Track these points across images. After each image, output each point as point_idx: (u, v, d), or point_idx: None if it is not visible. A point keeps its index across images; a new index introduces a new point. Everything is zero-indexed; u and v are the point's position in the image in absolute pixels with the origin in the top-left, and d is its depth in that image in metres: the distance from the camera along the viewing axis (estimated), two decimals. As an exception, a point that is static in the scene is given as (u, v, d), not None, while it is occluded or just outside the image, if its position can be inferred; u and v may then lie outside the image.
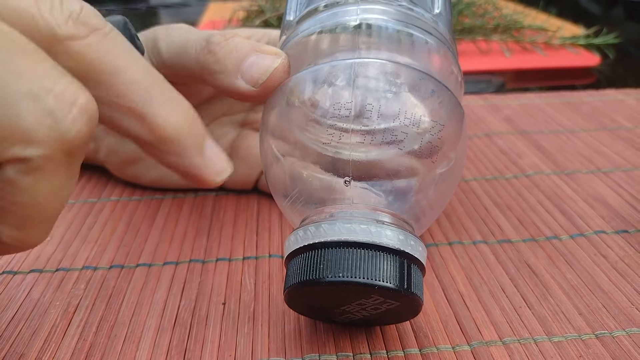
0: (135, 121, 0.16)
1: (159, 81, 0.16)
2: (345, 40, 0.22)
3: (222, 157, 0.18)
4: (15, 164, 0.13)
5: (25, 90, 0.13)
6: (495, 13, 0.57)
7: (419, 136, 0.19)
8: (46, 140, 0.13)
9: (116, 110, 0.15)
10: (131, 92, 0.15)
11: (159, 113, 0.16)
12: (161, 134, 0.16)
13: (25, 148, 0.13)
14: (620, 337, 0.21)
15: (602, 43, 0.54)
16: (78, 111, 0.14)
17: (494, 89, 0.49)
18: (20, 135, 0.13)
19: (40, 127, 0.13)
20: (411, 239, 0.18)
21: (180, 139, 0.16)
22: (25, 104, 0.13)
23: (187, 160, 0.17)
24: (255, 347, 0.21)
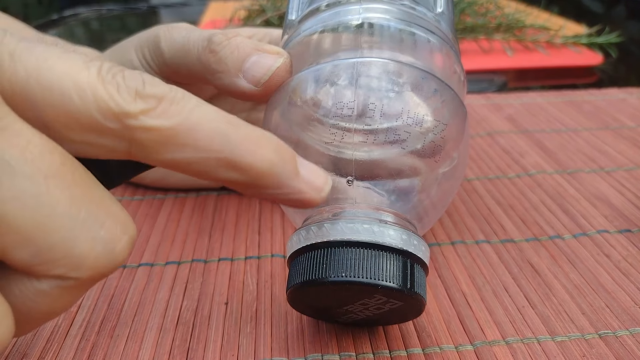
0: (227, 169, 0.16)
1: (232, 122, 0.16)
2: (348, 39, 0.22)
3: (317, 171, 0.17)
4: (54, 280, 0.14)
5: (82, 219, 0.14)
6: (497, 12, 0.57)
7: (421, 135, 0.19)
8: (92, 265, 0.14)
9: (206, 165, 0.16)
10: (214, 144, 0.15)
11: (246, 153, 0.16)
12: (255, 172, 0.16)
13: (71, 270, 0.14)
14: (623, 337, 0.21)
15: (605, 42, 0.54)
16: (126, 241, 0.15)
17: (496, 88, 0.49)
18: (70, 259, 0.14)
19: (91, 254, 0.14)
20: (414, 239, 0.18)
21: (274, 170, 0.16)
22: (79, 232, 0.14)
23: (287, 188, 0.17)
24: (258, 347, 0.20)
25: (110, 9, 0.83)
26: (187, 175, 0.28)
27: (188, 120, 0.15)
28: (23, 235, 0.13)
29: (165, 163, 0.15)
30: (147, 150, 0.15)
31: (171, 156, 0.15)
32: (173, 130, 0.15)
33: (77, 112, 0.14)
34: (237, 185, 0.16)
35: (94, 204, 0.14)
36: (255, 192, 0.17)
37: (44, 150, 0.13)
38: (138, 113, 0.14)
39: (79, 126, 0.14)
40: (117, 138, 0.15)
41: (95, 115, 0.14)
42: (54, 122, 0.14)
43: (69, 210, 0.13)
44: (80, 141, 0.15)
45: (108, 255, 0.14)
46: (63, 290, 0.14)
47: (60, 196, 0.13)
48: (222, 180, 0.16)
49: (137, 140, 0.15)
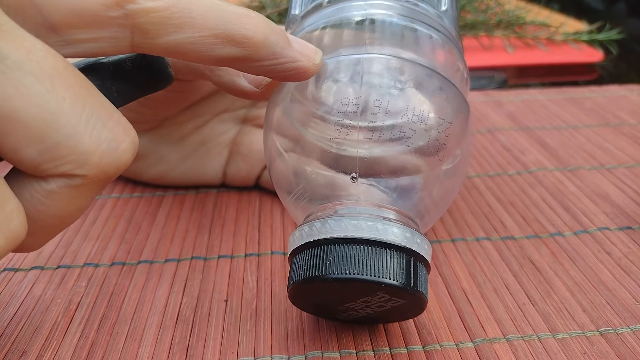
0: (224, 44, 0.17)
1: (220, 4, 0.17)
2: (352, 35, 0.22)
3: (306, 43, 0.19)
4: (61, 179, 0.14)
5: (86, 118, 0.14)
6: (497, 9, 0.57)
7: (425, 133, 0.19)
8: (97, 163, 0.15)
9: (205, 44, 0.17)
10: (209, 20, 0.17)
11: (240, 27, 0.17)
12: (252, 44, 0.17)
13: (77, 167, 0.14)
14: (624, 334, 0.21)
15: (605, 39, 0.54)
16: (129, 142, 0.15)
17: (497, 85, 0.49)
18: (76, 155, 0.14)
19: (96, 151, 0.14)
20: (418, 237, 0.18)
21: (268, 39, 0.18)
22: (84, 129, 0.14)
23: (282, 57, 0.18)
24: (258, 344, 0.20)
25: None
26: (186, 173, 0.28)
27: (182, 0, 0.16)
28: (31, 132, 0.13)
29: (167, 47, 0.17)
30: (148, 35, 0.16)
31: (171, 38, 0.16)
32: (170, 9, 0.16)
33: (82, 8, 0.15)
34: (235, 62, 0.18)
35: (97, 105, 0.15)
36: (253, 66, 0.18)
37: (47, 54, 0.14)
38: None
39: (84, 22, 0.15)
40: (120, 27, 0.16)
41: (98, 7, 0.15)
42: (60, 23, 0.15)
43: (73, 107, 0.14)
44: (87, 39, 0.16)
45: (112, 154, 0.15)
46: (71, 190, 0.15)
47: (65, 94, 0.14)
48: (222, 58, 0.17)
49: (138, 26, 0.16)
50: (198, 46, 0.17)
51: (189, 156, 0.30)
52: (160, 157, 0.30)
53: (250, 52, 0.18)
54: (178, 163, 0.30)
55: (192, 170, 0.30)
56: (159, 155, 0.30)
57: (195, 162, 0.30)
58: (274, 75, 0.19)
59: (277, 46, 0.18)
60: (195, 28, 0.16)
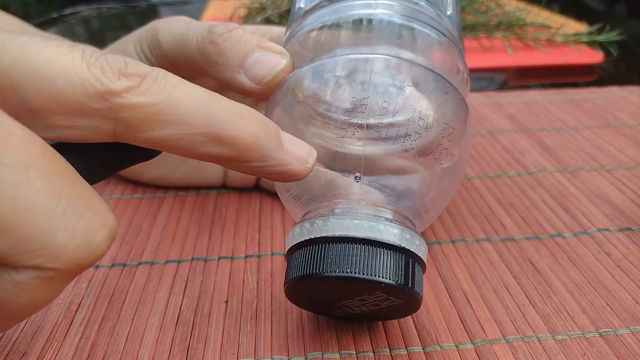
0: (212, 144, 0.16)
1: (214, 97, 0.16)
2: (354, 35, 0.22)
3: (301, 143, 0.18)
4: (32, 270, 0.14)
5: (61, 210, 0.14)
6: (497, 10, 0.57)
7: (425, 133, 0.19)
8: (70, 257, 0.14)
9: (191, 142, 0.16)
10: (197, 119, 0.16)
11: (230, 126, 0.16)
12: (240, 145, 0.16)
13: (50, 262, 0.14)
14: (624, 335, 0.21)
15: (605, 40, 0.54)
16: (106, 233, 0.14)
17: (497, 86, 0.49)
18: (49, 250, 0.13)
19: (70, 246, 0.14)
20: (416, 238, 0.19)
21: (259, 142, 0.17)
22: (58, 223, 0.13)
23: (272, 160, 0.17)
24: (258, 345, 0.20)
25: (110, 7, 0.83)
26: (187, 174, 0.28)
27: (171, 96, 0.15)
28: (2, 225, 0.13)
29: (151, 141, 0.16)
30: (132, 129, 0.15)
31: (156, 134, 0.15)
32: (157, 106, 0.15)
33: (63, 95, 0.14)
34: (223, 161, 0.17)
35: (74, 195, 0.14)
36: (242, 166, 0.17)
37: (26, 141, 0.13)
38: (122, 91, 0.15)
39: (66, 110, 0.15)
40: (103, 119, 0.15)
41: (81, 97, 0.14)
42: (40, 108, 0.14)
43: (48, 199, 0.13)
44: (67, 125, 0.15)
45: (87, 247, 0.14)
46: (42, 281, 0.14)
47: (40, 186, 0.13)
48: (208, 156, 0.16)
49: (122, 119, 0.15)
50: (184, 143, 0.16)
51: (189, 158, 0.30)
52: (160, 159, 0.30)
53: (238, 153, 0.17)
54: (178, 164, 0.30)
55: (192, 172, 0.30)
56: (159, 157, 0.30)
57: (195, 163, 0.30)
58: (264, 175, 0.18)
59: (268, 149, 0.17)
60: (182, 126, 0.16)
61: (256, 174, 0.18)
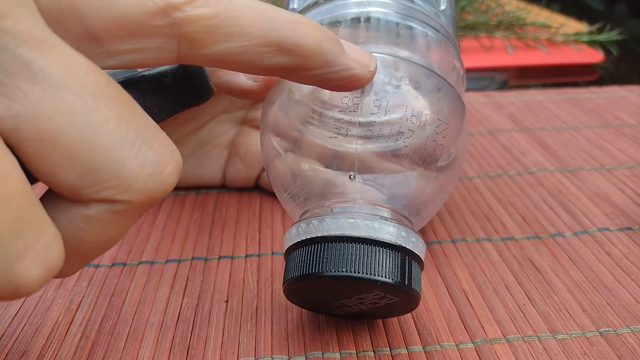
0: (275, 53, 0.16)
1: (271, 7, 0.16)
2: (350, 33, 0.22)
3: (360, 50, 0.18)
4: (102, 204, 0.14)
5: (130, 140, 0.13)
6: (497, 10, 0.57)
7: (421, 131, 0.19)
8: (141, 188, 0.14)
9: (255, 53, 0.16)
10: (258, 27, 0.16)
11: (291, 33, 0.16)
12: (304, 52, 0.16)
13: (120, 193, 0.13)
14: (624, 335, 0.21)
15: (606, 40, 0.54)
16: (174, 166, 0.14)
17: (497, 85, 0.49)
18: (119, 180, 0.13)
19: (141, 176, 0.14)
20: (413, 236, 0.19)
21: (321, 47, 0.17)
22: (128, 153, 0.13)
23: (337, 65, 0.17)
24: (258, 345, 0.20)
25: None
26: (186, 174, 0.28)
27: (229, 7, 0.15)
28: (71, 155, 0.13)
29: (215, 57, 0.16)
30: (195, 45, 0.15)
31: (220, 47, 0.15)
32: (217, 17, 0.15)
33: (125, 16, 0.14)
34: (287, 71, 0.17)
35: (142, 126, 0.14)
36: (306, 75, 0.17)
37: (90, 70, 0.13)
38: (182, 4, 0.15)
39: (128, 32, 0.14)
40: (166, 37, 0.15)
41: (142, 15, 0.14)
42: (103, 34, 0.14)
43: (117, 129, 0.13)
44: (130, 49, 0.15)
45: (157, 178, 0.14)
46: (112, 215, 0.14)
47: (108, 114, 0.13)
48: (273, 68, 0.17)
49: (185, 35, 0.15)
50: (248, 55, 0.16)
51: (188, 157, 0.30)
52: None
53: (302, 61, 0.17)
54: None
55: (192, 172, 0.30)
56: None
57: (194, 163, 0.30)
58: (327, 85, 0.18)
59: (330, 54, 0.17)
60: (244, 36, 0.16)
61: (320, 84, 0.18)
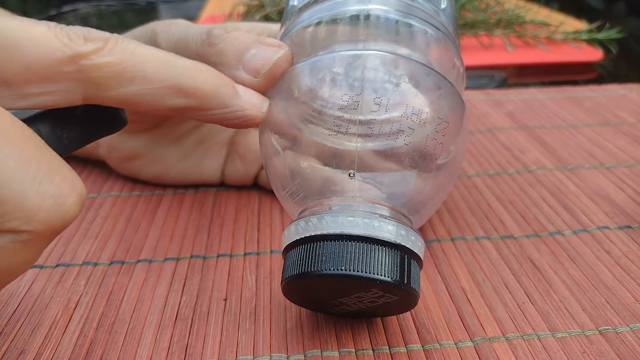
0: (176, 96, 0.18)
1: (171, 55, 0.18)
2: (350, 31, 0.22)
3: (253, 93, 0.20)
4: (8, 234, 0.15)
5: (32, 175, 0.14)
6: (497, 8, 0.57)
7: (421, 129, 0.19)
8: (44, 219, 0.15)
9: (156, 95, 0.18)
10: (160, 73, 0.18)
11: (190, 79, 0.18)
12: (201, 94, 0.19)
13: (24, 224, 0.14)
14: (624, 333, 0.21)
15: (605, 38, 0.54)
16: (76, 197, 0.15)
17: (496, 84, 0.49)
18: (22, 212, 0.14)
19: (42, 208, 0.15)
20: (412, 235, 0.18)
21: (217, 90, 0.19)
22: (29, 186, 0.14)
23: (231, 106, 0.19)
24: (257, 343, 0.20)
25: (109, 5, 0.83)
26: (185, 172, 0.28)
27: (134, 55, 0.17)
28: None
29: (120, 99, 0.17)
30: (101, 88, 0.17)
31: (123, 90, 0.17)
32: (122, 64, 0.17)
33: (34, 63, 0.16)
34: (187, 111, 0.19)
35: (43, 161, 0.15)
36: (204, 115, 0.19)
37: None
38: (89, 53, 0.16)
39: (37, 77, 0.16)
40: (73, 81, 0.16)
41: (51, 62, 0.16)
42: (13, 78, 0.16)
43: (19, 165, 0.14)
44: (39, 92, 0.16)
45: (58, 209, 0.15)
46: (18, 245, 0.15)
47: (10, 152, 0.14)
48: (173, 108, 0.18)
49: (91, 80, 0.16)
50: (150, 97, 0.18)
51: (187, 155, 0.30)
52: (158, 157, 0.30)
53: (200, 103, 0.19)
54: (176, 162, 0.30)
55: (191, 170, 0.30)
56: (157, 154, 0.30)
57: (193, 161, 0.30)
58: (225, 123, 0.20)
59: (226, 96, 0.19)
60: (147, 81, 0.17)
61: (218, 122, 0.20)
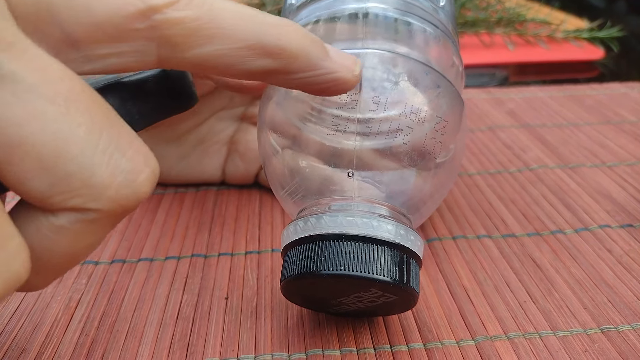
0: (258, 56, 0.16)
1: (254, 10, 0.16)
2: (349, 29, 0.22)
3: (344, 53, 0.18)
4: (72, 213, 0.13)
5: (102, 146, 0.13)
6: (498, 6, 0.57)
7: (420, 127, 0.19)
8: (113, 196, 0.13)
9: (238, 56, 0.16)
10: (241, 30, 0.15)
11: (274, 37, 0.16)
12: (287, 55, 0.16)
13: (91, 201, 0.13)
14: (625, 332, 0.20)
15: (606, 36, 0.54)
16: (149, 173, 0.14)
17: (497, 82, 0.49)
18: (90, 188, 0.13)
19: (113, 184, 0.13)
20: (411, 234, 0.18)
21: (305, 50, 0.16)
22: (99, 159, 0.13)
23: (321, 68, 0.17)
24: (258, 342, 0.20)
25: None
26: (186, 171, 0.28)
27: (212, 9, 0.15)
28: (41, 162, 0.12)
29: (197, 61, 0.15)
30: (176, 48, 0.15)
31: (201, 51, 0.15)
32: (199, 20, 0.15)
33: (104, 20, 0.14)
34: (271, 75, 0.17)
35: (115, 132, 0.13)
36: (290, 79, 0.17)
37: (64, 76, 0.13)
38: (162, 6, 0.14)
39: (107, 36, 0.14)
40: (146, 40, 0.15)
41: (122, 19, 0.14)
42: (81, 38, 0.14)
43: (89, 135, 0.13)
44: (110, 53, 0.14)
45: (130, 186, 0.13)
46: (84, 225, 0.13)
47: (80, 120, 0.13)
48: (256, 71, 0.16)
49: (166, 38, 0.15)
50: (230, 59, 0.16)
51: (188, 154, 0.30)
52: (158, 156, 0.29)
53: (286, 64, 0.16)
54: (176, 161, 0.30)
55: (191, 169, 0.30)
56: (157, 153, 0.29)
57: (193, 160, 0.30)
58: (311, 89, 0.18)
59: (315, 57, 0.17)
60: (226, 39, 0.15)
61: (304, 88, 0.17)
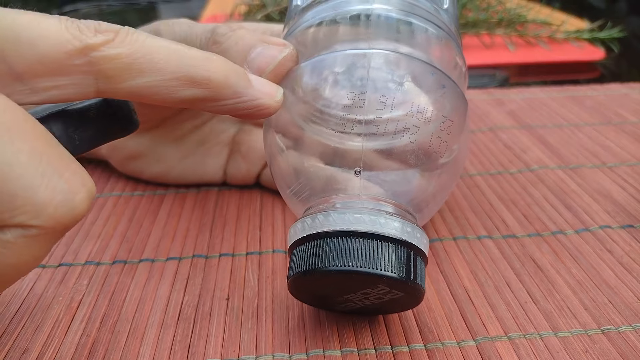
0: (187, 87, 0.18)
1: (182, 45, 0.18)
2: (354, 30, 0.22)
3: (267, 82, 0.20)
4: (17, 229, 0.15)
5: (42, 170, 0.15)
6: (499, 7, 0.57)
7: (426, 127, 0.19)
8: (52, 214, 0.15)
9: (168, 87, 0.17)
10: (171, 64, 0.17)
11: (201, 69, 0.18)
12: (214, 85, 0.18)
13: (33, 218, 0.14)
14: (626, 332, 0.20)
15: (607, 37, 0.54)
16: (85, 193, 0.15)
17: (498, 83, 0.49)
18: (31, 206, 0.14)
19: (51, 203, 0.15)
20: (417, 231, 0.19)
21: (230, 80, 0.18)
22: (39, 181, 0.14)
23: (244, 95, 0.19)
24: (259, 343, 0.20)
25: (110, 5, 0.83)
26: (187, 171, 0.28)
27: (144, 46, 0.17)
28: None
29: (131, 91, 0.17)
30: (112, 81, 0.17)
31: (135, 82, 0.17)
32: (132, 55, 0.17)
33: (46, 56, 0.16)
34: (199, 103, 0.18)
35: (54, 157, 0.15)
36: (217, 105, 0.19)
37: (7, 107, 0.14)
38: (99, 45, 0.16)
39: (49, 71, 0.16)
40: (84, 74, 0.16)
41: (62, 55, 0.16)
42: (25, 72, 0.16)
43: (30, 160, 0.14)
44: (51, 86, 0.16)
45: (67, 205, 0.15)
46: (27, 240, 0.15)
47: (22, 147, 0.14)
48: (185, 100, 0.18)
49: (102, 72, 0.16)
50: (162, 89, 0.17)
51: (189, 155, 0.30)
52: (160, 156, 0.30)
53: (213, 93, 0.18)
54: (178, 162, 0.30)
55: (192, 169, 0.30)
56: (159, 154, 0.30)
57: (195, 161, 0.30)
58: (238, 114, 0.19)
59: (238, 85, 0.19)
60: (157, 72, 0.17)
61: (231, 113, 0.19)
